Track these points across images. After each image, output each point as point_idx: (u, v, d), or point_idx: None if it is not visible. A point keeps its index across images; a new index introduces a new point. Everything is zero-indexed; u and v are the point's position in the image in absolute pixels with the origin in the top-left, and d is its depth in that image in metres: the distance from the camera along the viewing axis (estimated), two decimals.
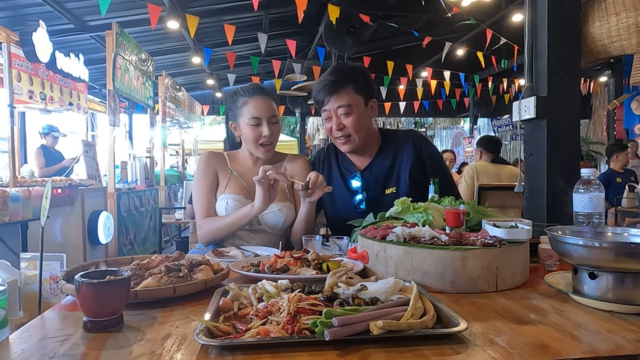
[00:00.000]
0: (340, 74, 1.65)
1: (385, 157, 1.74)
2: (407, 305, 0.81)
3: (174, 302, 0.97)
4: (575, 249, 0.93)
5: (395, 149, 1.74)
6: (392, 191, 1.70)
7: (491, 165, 3.90)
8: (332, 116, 1.67)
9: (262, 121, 1.64)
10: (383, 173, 1.72)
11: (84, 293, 0.79)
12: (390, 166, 1.73)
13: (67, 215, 3.93)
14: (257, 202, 1.51)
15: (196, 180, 1.71)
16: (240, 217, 1.57)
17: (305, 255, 1.20)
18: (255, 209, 1.53)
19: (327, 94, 1.65)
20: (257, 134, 1.64)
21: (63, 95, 4.98)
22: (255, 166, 1.72)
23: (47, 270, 2.18)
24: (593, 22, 2.06)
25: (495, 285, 1.04)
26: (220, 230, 1.61)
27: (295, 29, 7.42)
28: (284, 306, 0.80)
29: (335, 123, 1.66)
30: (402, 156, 1.72)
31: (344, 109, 1.64)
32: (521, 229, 1.13)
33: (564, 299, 0.98)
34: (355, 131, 1.66)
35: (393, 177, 1.72)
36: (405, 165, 1.70)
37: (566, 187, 1.87)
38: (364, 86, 1.67)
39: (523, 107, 1.97)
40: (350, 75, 1.65)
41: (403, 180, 1.70)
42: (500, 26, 6.70)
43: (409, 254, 1.06)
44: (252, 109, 1.63)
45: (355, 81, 1.65)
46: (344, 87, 1.64)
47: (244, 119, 1.65)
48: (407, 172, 1.69)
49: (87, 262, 1.14)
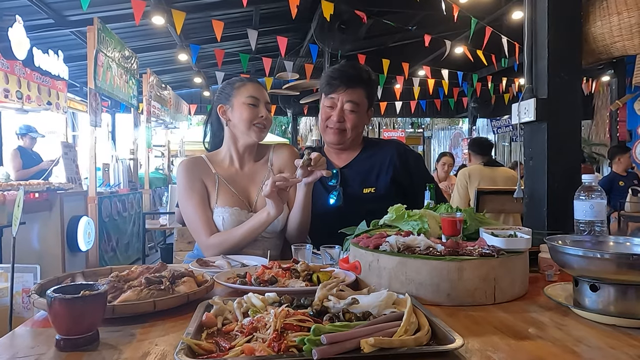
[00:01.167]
0: (359, 71, 1.75)
1: (366, 158, 1.82)
2: (400, 320, 0.80)
3: (154, 317, 0.95)
4: (576, 260, 0.93)
5: (377, 153, 1.82)
6: (370, 191, 1.74)
7: (485, 169, 3.91)
8: (337, 106, 1.73)
9: (259, 102, 1.65)
10: (362, 172, 1.78)
11: (56, 309, 0.78)
12: (370, 166, 1.79)
13: (45, 221, 3.87)
14: (272, 209, 1.51)
15: (184, 196, 1.63)
16: (257, 226, 1.55)
17: (294, 266, 1.19)
18: (272, 216, 1.52)
19: (343, 84, 1.71)
20: (255, 113, 1.63)
21: (41, 94, 4.93)
22: (243, 170, 1.71)
23: (19, 283, 2.14)
24: (594, 22, 2.08)
25: (493, 297, 1.03)
26: (237, 245, 1.56)
27: (287, 26, 7.42)
28: (270, 322, 0.79)
29: (337, 114, 1.73)
30: (384, 159, 1.79)
31: (351, 105, 1.72)
32: (520, 238, 1.13)
33: (565, 312, 0.98)
34: (352, 129, 1.74)
35: (372, 177, 1.77)
36: (387, 167, 1.77)
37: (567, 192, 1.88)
38: (372, 94, 1.80)
39: (523, 109, 1.98)
40: (367, 78, 1.75)
41: (382, 181, 1.74)
42: (500, 23, 6.75)
43: (403, 265, 1.06)
44: (251, 89, 1.66)
45: (369, 85, 1.76)
46: (360, 86, 1.73)
47: (240, 99, 1.64)
48: (389, 175, 1.75)
49: (63, 275, 1.12)
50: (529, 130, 2.05)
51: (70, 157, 4.80)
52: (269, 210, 1.51)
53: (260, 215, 1.54)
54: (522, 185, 2.08)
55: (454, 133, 14.55)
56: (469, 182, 3.83)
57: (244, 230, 1.55)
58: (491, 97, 10.35)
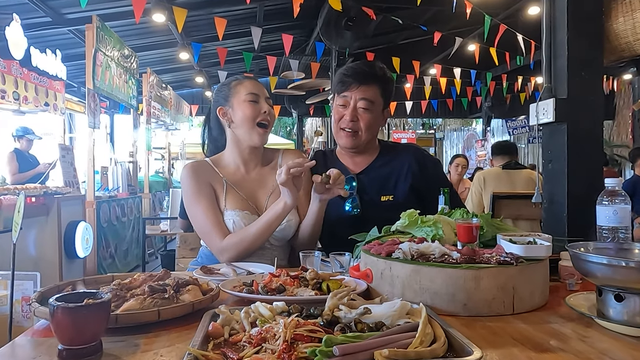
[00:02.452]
0: (374, 68, 1.75)
1: (383, 164, 1.81)
2: (415, 330, 0.80)
3: (158, 326, 0.96)
4: (600, 269, 0.93)
5: (395, 159, 1.82)
6: (388, 199, 1.73)
7: (502, 172, 3.89)
8: (350, 105, 1.72)
9: (259, 98, 1.66)
10: (380, 178, 1.77)
11: (59, 318, 0.78)
12: (388, 173, 1.78)
13: (42, 226, 3.91)
14: (288, 198, 1.49)
15: (192, 200, 1.61)
16: (274, 219, 1.53)
17: (303, 274, 1.19)
18: (289, 205, 1.51)
19: (356, 81, 1.71)
20: (256, 110, 1.64)
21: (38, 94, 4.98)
22: (249, 175, 1.71)
23: (19, 291, 2.16)
24: (616, 18, 2.07)
25: (511, 307, 1.03)
26: (254, 243, 1.55)
27: (292, 23, 7.45)
28: (279, 332, 0.79)
29: (350, 113, 1.72)
30: (402, 165, 1.79)
31: (365, 103, 1.71)
32: (540, 246, 1.13)
33: (588, 323, 0.97)
34: (366, 129, 1.73)
35: (390, 184, 1.76)
36: (405, 174, 1.76)
37: (589, 197, 1.87)
38: (388, 92, 1.78)
39: (541, 109, 1.98)
40: (381, 75, 1.75)
41: (401, 189, 1.74)
42: (514, 20, 6.73)
43: (417, 273, 1.06)
44: (249, 86, 1.67)
45: (383, 83, 1.75)
46: (373, 83, 1.73)
47: (240, 97, 1.65)
48: (407, 182, 1.74)
49: (63, 282, 1.13)
50: (548, 131, 2.04)
51: (68, 160, 4.84)
52: (286, 200, 1.50)
53: (277, 207, 1.52)
54: (540, 190, 2.08)
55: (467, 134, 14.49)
56: (483, 188, 3.81)
57: (260, 225, 1.53)
58: (506, 96, 10.32)
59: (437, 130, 17.36)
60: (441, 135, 17.47)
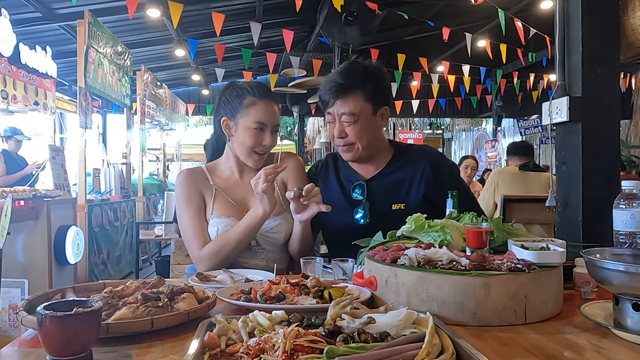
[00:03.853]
0: (349, 77, 1.67)
1: (395, 170, 1.77)
2: (421, 341, 0.80)
3: (151, 336, 0.96)
4: (617, 276, 0.92)
5: (408, 163, 1.78)
6: (399, 207, 1.71)
7: (519, 172, 3.86)
8: (335, 121, 1.70)
9: (266, 128, 1.66)
10: (391, 185, 1.74)
11: (47, 328, 0.78)
12: (400, 180, 1.75)
13: (31, 231, 3.91)
14: (266, 205, 1.51)
15: (181, 207, 1.68)
16: (253, 224, 1.55)
17: (303, 281, 1.19)
18: (268, 212, 1.53)
19: (333, 97, 1.67)
20: (258, 141, 1.65)
21: (28, 93, 5.01)
22: (243, 180, 1.74)
23: (6, 299, 2.16)
24: (633, 12, 2.07)
25: (523, 316, 1.03)
26: (234, 249, 1.58)
27: (293, 18, 7.47)
28: (278, 343, 0.79)
29: (337, 130, 1.69)
30: (415, 171, 1.75)
31: (347, 117, 1.67)
32: (554, 252, 1.12)
33: (604, 333, 0.97)
34: (358, 140, 1.69)
35: (402, 191, 1.73)
36: (418, 182, 1.73)
37: (605, 201, 1.86)
38: (375, 93, 1.69)
39: (554, 108, 1.98)
40: (360, 80, 1.67)
41: (414, 197, 1.71)
42: (526, 14, 6.73)
43: (424, 280, 1.05)
44: (261, 112, 1.65)
45: (365, 86, 1.67)
46: (351, 93, 1.66)
47: (248, 121, 1.65)
48: (421, 189, 1.71)
49: (52, 290, 1.14)
50: (562, 131, 2.04)
51: (58, 161, 4.86)
52: (265, 207, 1.52)
53: (255, 213, 1.55)
54: (554, 193, 2.07)
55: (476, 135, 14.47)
56: (496, 188, 3.79)
57: (239, 231, 1.57)
58: (517, 95, 10.31)
59: (445, 131, 17.35)
60: (449, 136, 17.46)
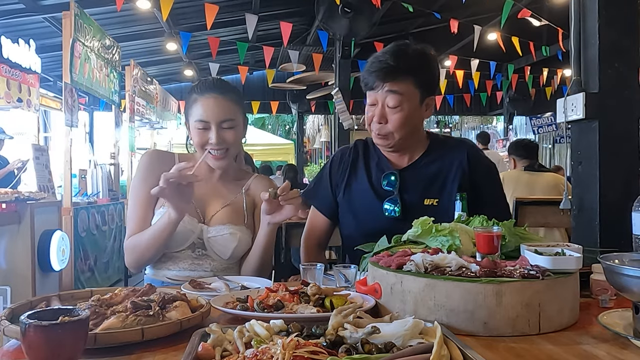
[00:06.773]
0: (402, 60, 1.61)
1: (431, 162, 1.74)
2: (429, 352, 0.80)
3: (141, 347, 0.96)
4: (636, 283, 0.92)
5: (444, 156, 1.74)
6: (432, 203, 1.68)
7: (524, 174, 3.89)
8: (377, 104, 1.65)
9: (210, 125, 1.63)
10: (425, 178, 1.71)
11: (31, 338, 0.78)
12: (435, 173, 1.72)
13: (13, 235, 3.91)
14: (171, 211, 1.51)
15: (133, 187, 1.70)
16: (160, 230, 1.56)
17: (303, 289, 1.19)
18: (174, 218, 1.52)
19: (380, 79, 1.62)
20: (204, 139, 1.64)
21: (10, 89, 5.02)
22: (210, 181, 1.74)
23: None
24: None
25: (537, 326, 1.03)
26: (146, 250, 1.60)
27: (292, 10, 7.49)
28: (277, 354, 0.79)
29: (378, 114, 1.64)
30: (451, 164, 1.72)
31: (394, 102, 1.61)
32: (569, 257, 1.12)
33: (624, 344, 0.97)
34: (398, 130, 1.64)
35: (436, 186, 1.70)
36: (453, 175, 1.70)
37: (623, 203, 1.86)
38: (427, 80, 1.67)
39: (569, 105, 1.98)
40: (415, 65, 1.63)
41: (448, 193, 1.67)
42: (539, 5, 6.74)
43: (432, 288, 1.05)
44: (201, 109, 1.63)
45: (417, 72, 1.63)
46: (402, 77, 1.61)
47: (191, 120, 1.67)
48: (455, 184, 1.68)
49: (36, 298, 1.14)
50: (577, 130, 2.04)
51: (42, 162, 4.86)
52: (169, 212, 1.52)
53: (162, 219, 1.56)
54: (569, 195, 2.07)
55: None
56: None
57: (150, 233, 1.59)
58: (530, 91, 10.32)
59: (454, 129, 17.39)
60: (458, 134, 17.50)
